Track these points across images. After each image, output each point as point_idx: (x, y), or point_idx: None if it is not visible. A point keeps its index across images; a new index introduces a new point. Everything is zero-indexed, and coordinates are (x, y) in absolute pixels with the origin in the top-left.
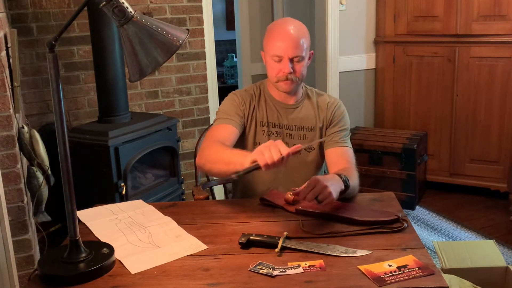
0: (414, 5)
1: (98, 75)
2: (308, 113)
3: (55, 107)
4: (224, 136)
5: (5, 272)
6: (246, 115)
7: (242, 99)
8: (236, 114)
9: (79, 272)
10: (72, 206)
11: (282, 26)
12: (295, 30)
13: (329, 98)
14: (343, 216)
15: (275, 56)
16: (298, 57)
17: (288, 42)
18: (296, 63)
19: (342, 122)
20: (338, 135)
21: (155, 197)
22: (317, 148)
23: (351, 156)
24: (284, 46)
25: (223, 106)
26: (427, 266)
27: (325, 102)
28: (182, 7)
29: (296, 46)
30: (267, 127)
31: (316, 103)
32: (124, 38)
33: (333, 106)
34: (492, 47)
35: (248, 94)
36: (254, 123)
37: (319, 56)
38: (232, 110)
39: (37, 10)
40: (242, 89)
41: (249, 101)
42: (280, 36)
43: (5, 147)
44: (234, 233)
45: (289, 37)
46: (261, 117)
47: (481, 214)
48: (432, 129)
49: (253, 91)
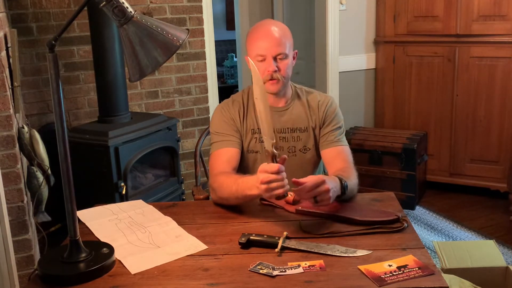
0: (414, 5)
1: (98, 75)
2: (299, 113)
3: (55, 107)
4: (227, 162)
5: (5, 272)
6: (240, 128)
7: (230, 113)
8: (231, 131)
9: (79, 272)
10: (72, 206)
11: (263, 27)
12: (276, 29)
13: (320, 96)
14: (343, 216)
15: (259, 56)
16: (281, 54)
17: (270, 41)
18: (280, 61)
19: (335, 120)
20: (333, 134)
21: (155, 197)
22: (313, 147)
23: (348, 155)
24: (266, 45)
25: (215, 125)
26: (427, 266)
27: (316, 101)
28: (182, 7)
29: (278, 43)
30: (258, 134)
31: (307, 102)
32: (124, 38)
33: (324, 105)
34: (492, 47)
35: (236, 104)
36: (246, 132)
37: (319, 56)
38: (225, 128)
39: (37, 10)
40: (229, 99)
41: (238, 112)
42: (261, 36)
43: (5, 147)
44: (234, 233)
45: (270, 36)
46: (251, 124)
47: (481, 214)
48: (432, 129)
49: (241, 98)
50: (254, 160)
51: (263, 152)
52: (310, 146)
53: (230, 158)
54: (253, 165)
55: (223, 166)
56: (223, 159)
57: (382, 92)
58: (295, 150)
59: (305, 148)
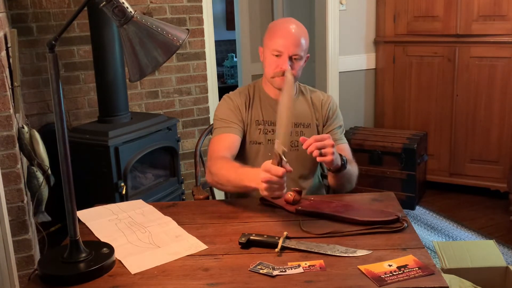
0: (414, 5)
1: (98, 75)
2: (303, 109)
3: (55, 107)
4: (228, 148)
5: (5, 272)
6: (244, 118)
7: (237, 102)
8: (235, 119)
9: (79, 272)
10: (72, 206)
11: (286, 25)
12: (297, 30)
13: (322, 95)
14: (343, 216)
15: (276, 51)
16: (297, 55)
17: (290, 40)
18: (295, 61)
19: (337, 119)
20: (335, 133)
21: (155, 197)
22: None
23: (349, 152)
24: (286, 43)
25: (219, 111)
26: (427, 266)
27: (319, 100)
28: (182, 7)
29: (298, 44)
30: (263, 125)
31: (311, 100)
32: (124, 38)
33: (327, 104)
34: (492, 47)
35: (242, 95)
36: (250, 123)
37: (319, 56)
38: (230, 115)
39: (37, 10)
40: (236, 90)
41: (244, 103)
42: (283, 33)
43: (5, 147)
44: (234, 233)
45: (291, 35)
46: (256, 116)
47: (481, 214)
48: (432, 129)
49: (248, 91)
50: (257, 151)
51: (266, 144)
52: None
53: (231, 144)
54: (255, 157)
55: (224, 151)
56: (224, 144)
57: (382, 92)
58: (298, 144)
59: None
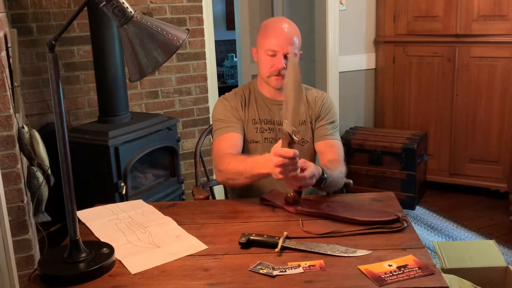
0: (414, 5)
1: (98, 75)
2: None
3: (55, 107)
4: (232, 146)
5: (5, 272)
6: (241, 117)
7: (233, 103)
8: (234, 118)
9: (79, 272)
10: (72, 206)
11: (279, 24)
12: (290, 29)
13: (317, 92)
14: (343, 216)
15: (270, 51)
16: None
17: (284, 39)
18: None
19: (329, 115)
20: (326, 128)
21: (155, 197)
22: (310, 140)
23: (339, 148)
24: (280, 42)
25: (217, 113)
26: (427, 266)
27: (313, 97)
28: (182, 7)
29: (291, 42)
30: (259, 124)
31: (306, 98)
32: (124, 38)
33: (320, 100)
34: (492, 47)
35: (238, 96)
36: (247, 122)
37: (319, 56)
38: (228, 115)
39: (37, 10)
40: (231, 92)
41: (240, 102)
42: (276, 33)
43: (5, 147)
44: (234, 233)
45: (285, 34)
46: (253, 115)
47: (481, 214)
48: (432, 129)
49: (243, 91)
50: (254, 150)
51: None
52: (308, 138)
53: (234, 142)
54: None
55: (228, 149)
56: (227, 143)
57: (382, 92)
58: None
59: (303, 141)
